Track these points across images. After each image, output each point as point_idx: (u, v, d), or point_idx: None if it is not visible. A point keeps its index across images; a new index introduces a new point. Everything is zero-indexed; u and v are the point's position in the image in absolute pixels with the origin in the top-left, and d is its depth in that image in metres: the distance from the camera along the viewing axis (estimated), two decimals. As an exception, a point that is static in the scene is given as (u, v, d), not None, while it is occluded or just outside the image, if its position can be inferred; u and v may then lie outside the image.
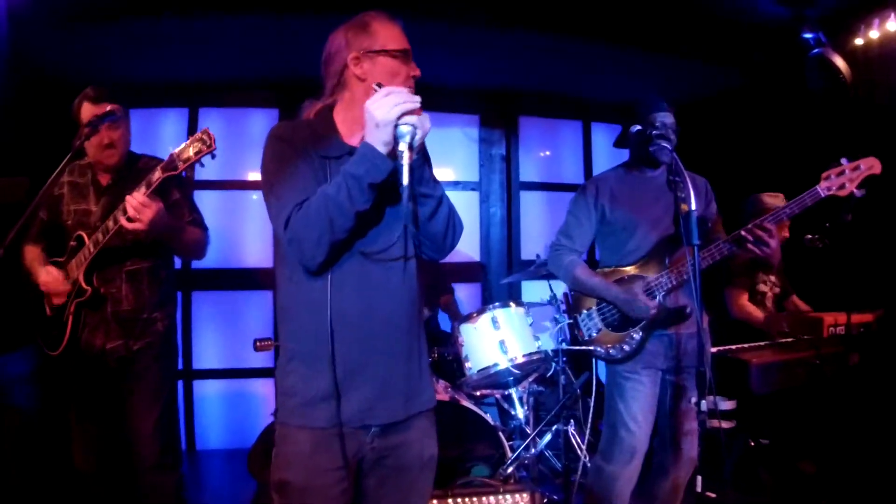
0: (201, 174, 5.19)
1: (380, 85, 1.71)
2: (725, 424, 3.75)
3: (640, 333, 2.89)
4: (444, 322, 4.99)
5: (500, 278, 5.54)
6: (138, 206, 2.50)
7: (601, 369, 3.25)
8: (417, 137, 1.64)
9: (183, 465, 3.08)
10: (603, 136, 6.18)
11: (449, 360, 4.04)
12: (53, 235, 2.98)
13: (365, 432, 1.84)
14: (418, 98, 1.66)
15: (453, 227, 1.87)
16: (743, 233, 2.73)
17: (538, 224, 5.90)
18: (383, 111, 1.62)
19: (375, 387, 1.81)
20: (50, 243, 3.00)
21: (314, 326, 1.78)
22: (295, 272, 1.82)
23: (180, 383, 5.07)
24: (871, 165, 2.72)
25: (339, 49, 1.85)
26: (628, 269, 2.99)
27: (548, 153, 6.20)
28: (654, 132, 2.83)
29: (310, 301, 1.79)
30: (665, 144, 2.73)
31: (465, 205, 5.73)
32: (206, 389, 5.38)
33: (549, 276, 4.08)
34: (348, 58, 1.82)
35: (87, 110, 2.79)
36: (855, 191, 2.73)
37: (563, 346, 3.83)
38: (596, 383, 3.75)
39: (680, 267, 2.88)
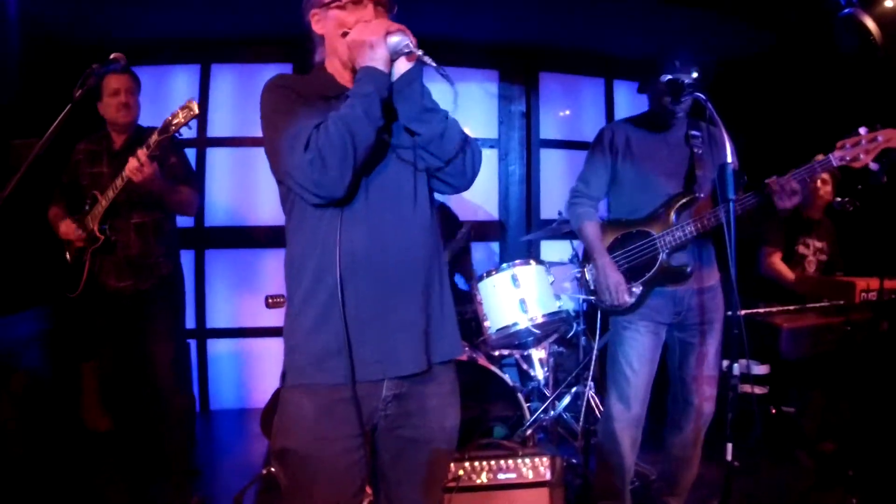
0: (214, 131, 5.21)
1: (345, 34, 1.76)
2: (758, 390, 3.66)
3: (641, 288, 2.92)
4: (461, 280, 4.90)
5: (519, 237, 5.44)
6: (136, 167, 3.02)
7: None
8: (410, 43, 1.68)
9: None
10: (626, 94, 5.98)
11: (467, 319, 3.94)
12: (71, 195, 3.49)
13: (379, 392, 1.72)
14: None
15: (472, 151, 1.81)
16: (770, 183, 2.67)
17: (558, 182, 5.73)
18: (369, 32, 1.68)
19: (393, 333, 1.69)
20: (69, 201, 3.50)
21: (323, 271, 1.67)
22: (304, 218, 1.73)
23: (193, 343, 5.04)
24: (889, 138, 2.56)
25: (305, 10, 1.88)
26: (636, 223, 2.97)
27: (568, 112, 6.04)
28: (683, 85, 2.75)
29: (319, 244, 1.69)
30: (700, 94, 2.62)
31: (484, 162, 5.51)
32: (219, 348, 5.35)
33: (570, 235, 3.95)
34: (310, 18, 1.86)
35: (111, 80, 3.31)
36: (871, 164, 2.59)
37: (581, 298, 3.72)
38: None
39: (686, 225, 2.83)
